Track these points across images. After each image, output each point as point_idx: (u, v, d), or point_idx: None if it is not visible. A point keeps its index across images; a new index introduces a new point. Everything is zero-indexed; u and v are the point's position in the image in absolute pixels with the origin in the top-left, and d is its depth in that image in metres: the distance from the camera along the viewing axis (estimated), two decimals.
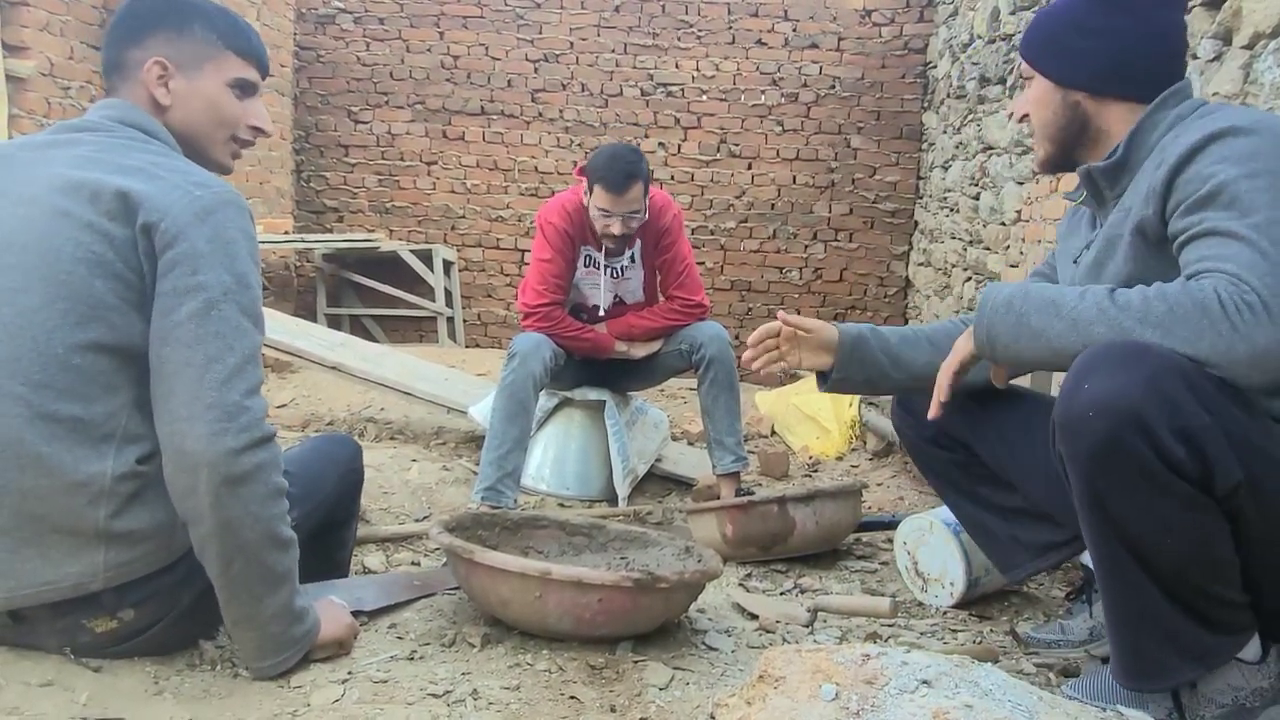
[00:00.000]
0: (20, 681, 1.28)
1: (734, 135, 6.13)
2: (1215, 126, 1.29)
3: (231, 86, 1.46)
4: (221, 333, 1.26)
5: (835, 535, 2.45)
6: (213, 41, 1.44)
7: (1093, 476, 1.21)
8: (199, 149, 1.46)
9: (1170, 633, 1.25)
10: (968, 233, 4.70)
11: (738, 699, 1.09)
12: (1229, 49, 2.15)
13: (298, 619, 1.37)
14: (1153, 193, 1.34)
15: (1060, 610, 1.95)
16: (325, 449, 1.70)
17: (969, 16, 4.83)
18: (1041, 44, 1.53)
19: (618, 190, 2.77)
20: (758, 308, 6.26)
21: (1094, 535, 1.27)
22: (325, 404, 4.27)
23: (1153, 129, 1.42)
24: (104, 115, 1.40)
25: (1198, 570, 1.21)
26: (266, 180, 5.84)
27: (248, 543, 1.28)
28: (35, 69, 3.90)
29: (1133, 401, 1.15)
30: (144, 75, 1.41)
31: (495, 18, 6.14)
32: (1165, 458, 1.15)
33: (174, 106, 1.43)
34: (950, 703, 0.96)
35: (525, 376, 2.80)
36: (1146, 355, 1.17)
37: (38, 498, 1.24)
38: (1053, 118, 1.52)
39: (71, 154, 1.33)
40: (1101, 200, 1.52)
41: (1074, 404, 1.20)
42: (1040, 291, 1.33)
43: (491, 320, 6.40)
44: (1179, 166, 1.30)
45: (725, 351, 2.98)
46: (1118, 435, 1.16)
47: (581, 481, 3.17)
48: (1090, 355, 1.22)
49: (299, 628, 1.37)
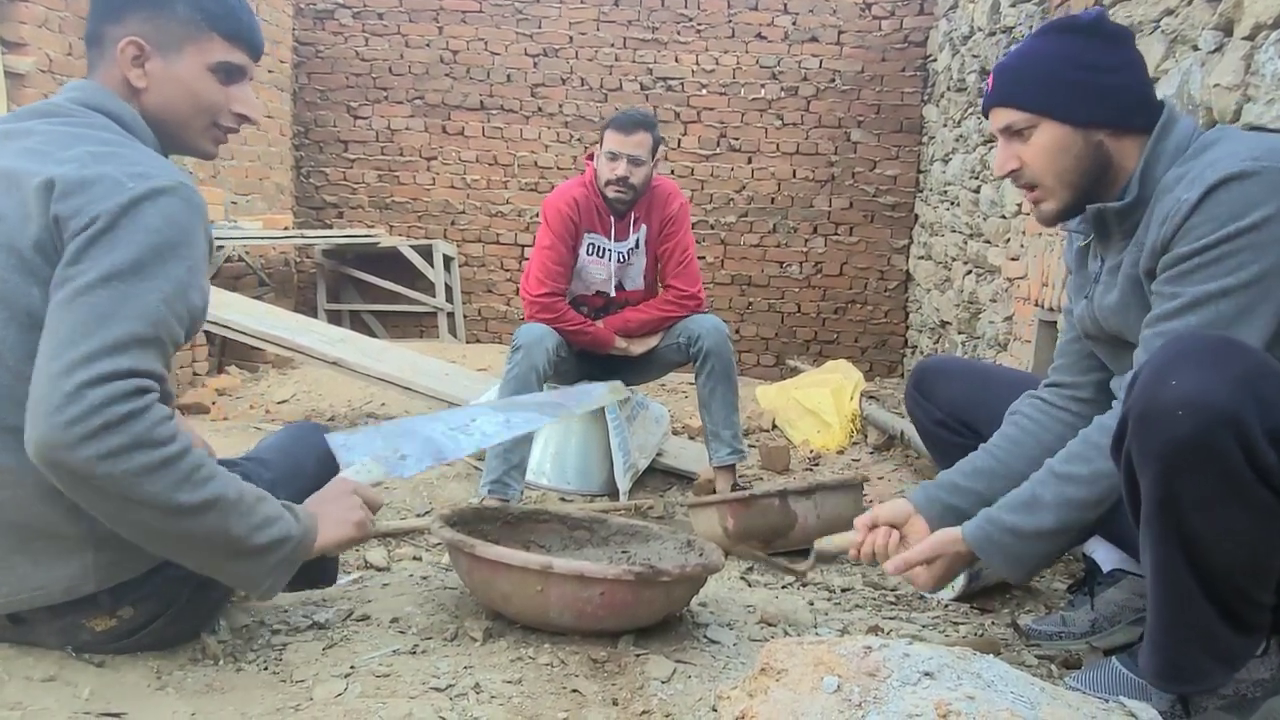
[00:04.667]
0: (23, 677, 1.28)
1: (734, 129, 6.13)
2: (1217, 175, 1.29)
3: (214, 71, 1.37)
4: (84, 319, 1.14)
5: (836, 529, 2.45)
6: (196, 22, 1.35)
7: (1169, 476, 1.16)
8: (177, 135, 1.39)
9: (1208, 636, 1.23)
10: (968, 226, 4.69)
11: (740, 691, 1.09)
12: (1230, 40, 2.14)
13: (268, 551, 1.28)
14: (1155, 249, 1.36)
15: (1062, 602, 1.95)
16: (300, 435, 1.69)
17: (969, 9, 4.82)
18: (1049, 88, 1.44)
19: (625, 131, 2.88)
20: (758, 302, 6.25)
21: (1155, 537, 1.23)
22: (326, 400, 4.27)
23: (1157, 161, 1.42)
24: (69, 98, 1.33)
25: (1246, 576, 1.20)
26: (266, 176, 5.83)
27: (149, 527, 1.19)
28: (34, 65, 3.89)
29: (1227, 400, 1.10)
30: (118, 55, 1.33)
31: (494, 12, 6.13)
32: (1255, 461, 1.12)
33: (149, 89, 1.34)
34: (952, 694, 0.96)
35: (529, 369, 2.80)
36: (1237, 352, 1.14)
37: (15, 507, 1.23)
38: (1075, 163, 1.45)
39: (19, 146, 1.26)
40: (1107, 236, 1.50)
41: (1159, 400, 1.15)
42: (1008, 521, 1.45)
43: (492, 315, 6.39)
44: (1181, 222, 1.31)
45: (723, 344, 2.99)
46: (1208, 434, 1.11)
47: (582, 476, 3.17)
48: (1176, 350, 1.18)
49: (273, 556, 1.29)
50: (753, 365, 6.26)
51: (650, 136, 2.92)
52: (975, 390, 1.82)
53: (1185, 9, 2.37)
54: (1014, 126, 1.48)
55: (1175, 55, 2.43)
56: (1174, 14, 2.42)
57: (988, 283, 4.35)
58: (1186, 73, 2.31)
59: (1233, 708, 1.32)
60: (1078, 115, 1.44)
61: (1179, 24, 2.39)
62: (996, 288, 4.17)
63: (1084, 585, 1.83)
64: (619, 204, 2.98)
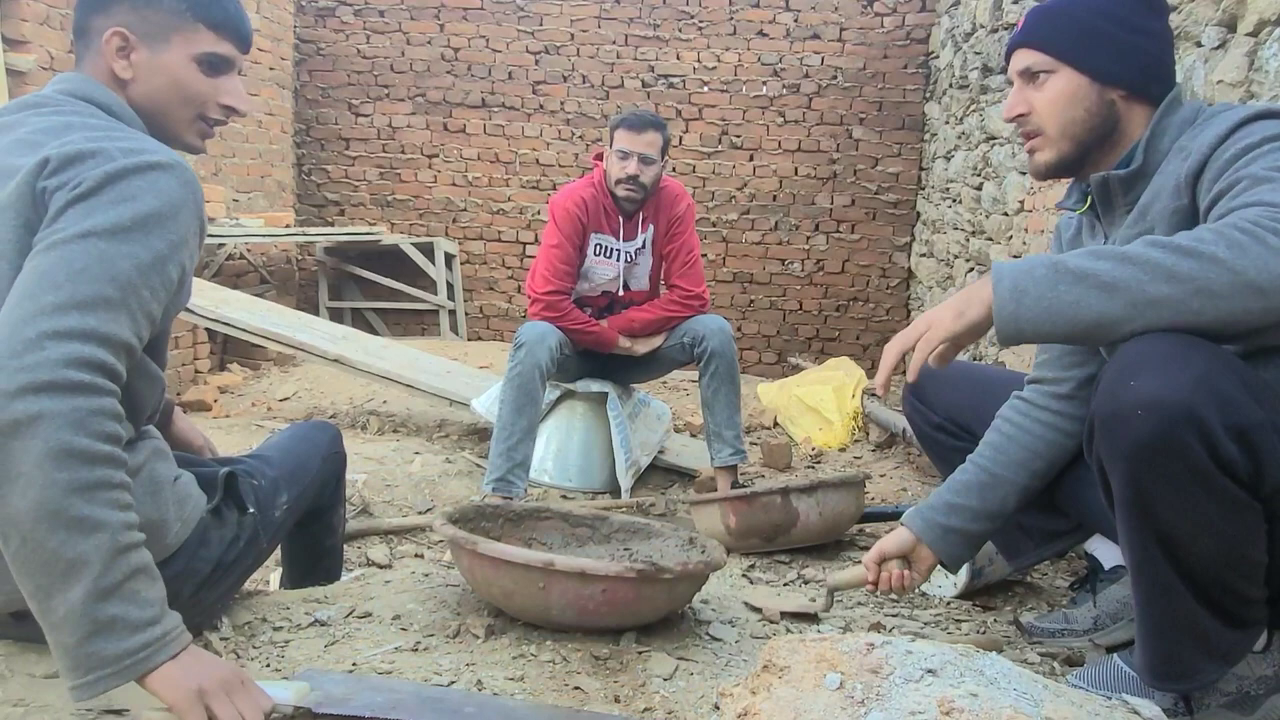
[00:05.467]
0: (25, 673, 1.28)
1: (735, 127, 6.12)
2: (1239, 115, 1.28)
3: (200, 62, 1.34)
4: (52, 269, 1.08)
5: (838, 526, 2.45)
6: (182, 12, 1.32)
7: (1137, 475, 1.17)
8: (163, 127, 1.36)
9: (1199, 633, 1.23)
10: (970, 223, 4.69)
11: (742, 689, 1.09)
12: (1233, 36, 2.14)
13: (105, 631, 1.04)
14: (1184, 183, 1.31)
15: (1064, 600, 1.95)
16: (304, 434, 1.68)
17: (971, 6, 4.81)
18: (1074, 36, 1.42)
19: (637, 130, 2.91)
20: (759, 300, 6.25)
21: (1131, 536, 1.23)
22: (328, 397, 4.27)
23: (1163, 134, 1.40)
24: (58, 89, 1.32)
25: (1230, 571, 1.20)
26: (267, 174, 5.83)
27: (18, 514, 1.02)
28: (35, 63, 3.89)
29: (1185, 397, 1.11)
30: (103, 46, 1.31)
31: (495, 10, 6.12)
32: (1217, 456, 1.12)
33: (135, 80, 1.32)
34: (955, 691, 0.96)
35: (532, 367, 2.80)
36: (1197, 351, 1.13)
37: None
38: (1084, 116, 1.43)
39: (11, 139, 1.24)
40: (1111, 208, 1.47)
41: (1120, 401, 1.16)
42: (1063, 262, 1.19)
43: (493, 313, 6.39)
44: (1208, 153, 1.27)
45: (727, 345, 2.99)
46: (1169, 432, 1.12)
47: (584, 473, 3.17)
48: (1136, 352, 1.17)
49: (110, 645, 1.04)
50: (754, 363, 6.26)
51: (661, 136, 2.95)
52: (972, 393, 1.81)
53: (1189, 5, 2.37)
54: (1033, 69, 1.45)
55: (1178, 52, 2.42)
56: (1177, 10, 2.42)
57: None
58: (1189, 69, 2.31)
59: (1235, 705, 1.32)
60: (1099, 69, 1.41)
61: (1182, 20, 2.39)
62: None
63: (1086, 582, 1.83)
64: (629, 203, 2.98)
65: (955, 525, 1.62)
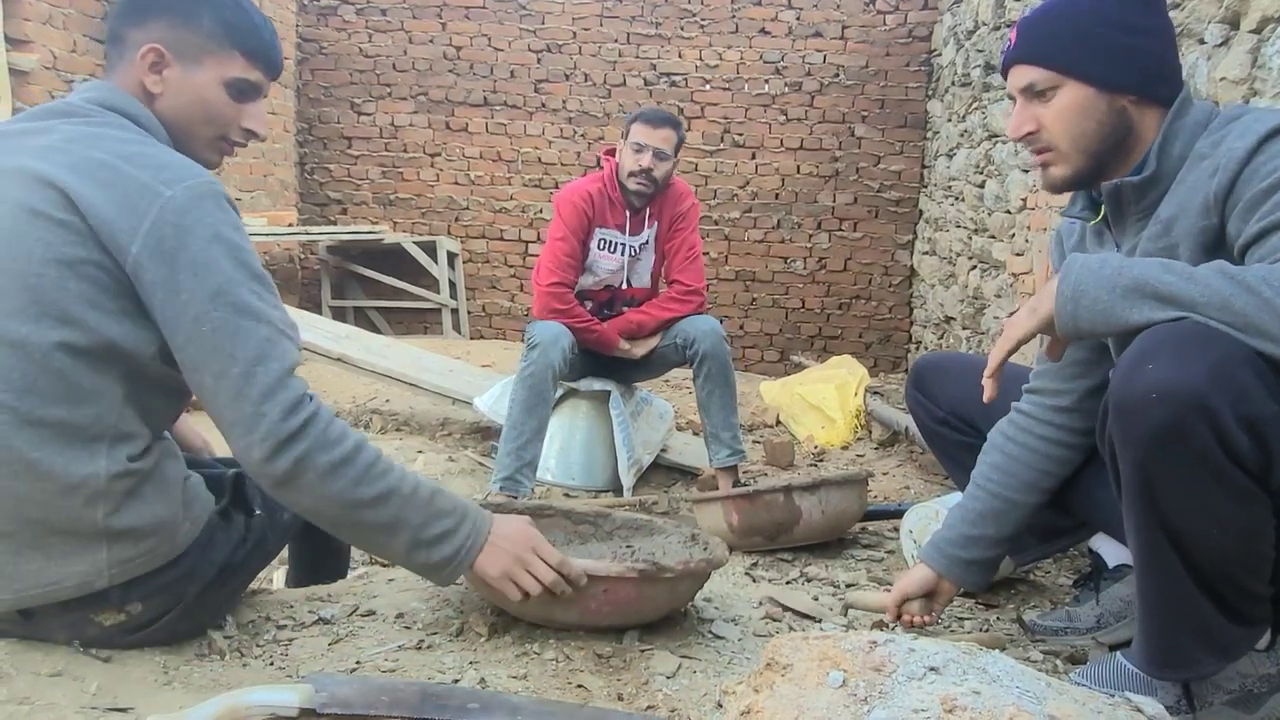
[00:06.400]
0: (30, 671, 1.28)
1: (737, 125, 6.12)
2: (1264, 128, 1.24)
3: (229, 86, 1.38)
4: (219, 345, 1.23)
5: (841, 524, 2.45)
6: (219, 36, 1.36)
7: (1146, 462, 1.17)
8: (184, 142, 1.38)
9: (1200, 625, 1.23)
10: (973, 221, 4.68)
11: (745, 686, 1.09)
12: (1236, 33, 2.14)
13: (437, 543, 1.37)
14: (1214, 201, 1.27)
15: (1067, 598, 1.95)
16: None
17: (973, 3, 4.80)
18: (1072, 46, 1.36)
19: (653, 125, 2.95)
20: (762, 298, 6.25)
21: (1137, 522, 1.23)
22: (331, 396, 4.27)
23: (1175, 138, 1.35)
24: (86, 98, 1.33)
25: (1236, 563, 1.19)
26: (270, 173, 5.84)
27: (335, 518, 1.31)
28: (38, 62, 3.90)
29: (1199, 385, 1.10)
30: (138, 59, 1.33)
31: (497, 8, 6.12)
32: (1228, 446, 1.12)
33: (163, 96, 1.35)
34: (958, 689, 0.96)
35: (545, 367, 2.81)
36: (1214, 340, 1.13)
37: (34, 502, 1.23)
38: (1096, 128, 1.37)
39: (41, 144, 1.26)
40: (1123, 217, 1.42)
41: (1135, 386, 1.15)
42: (1129, 269, 1.21)
43: (496, 312, 6.39)
44: (1237, 170, 1.24)
45: (719, 346, 2.99)
46: (1179, 419, 1.11)
47: (587, 472, 3.18)
48: (1154, 338, 1.16)
49: (441, 550, 1.37)
50: (757, 361, 6.25)
51: (676, 134, 2.99)
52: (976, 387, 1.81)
53: (1191, 3, 2.36)
54: (1036, 86, 1.39)
55: (1181, 49, 2.42)
56: (1180, 7, 2.41)
57: (992, 278, 4.34)
58: (1193, 67, 2.31)
59: (1238, 703, 1.32)
60: (1105, 77, 1.35)
61: (1185, 18, 2.38)
62: (1001, 283, 4.16)
63: (1089, 580, 1.83)
64: (639, 196, 3.00)
65: (976, 557, 1.64)
